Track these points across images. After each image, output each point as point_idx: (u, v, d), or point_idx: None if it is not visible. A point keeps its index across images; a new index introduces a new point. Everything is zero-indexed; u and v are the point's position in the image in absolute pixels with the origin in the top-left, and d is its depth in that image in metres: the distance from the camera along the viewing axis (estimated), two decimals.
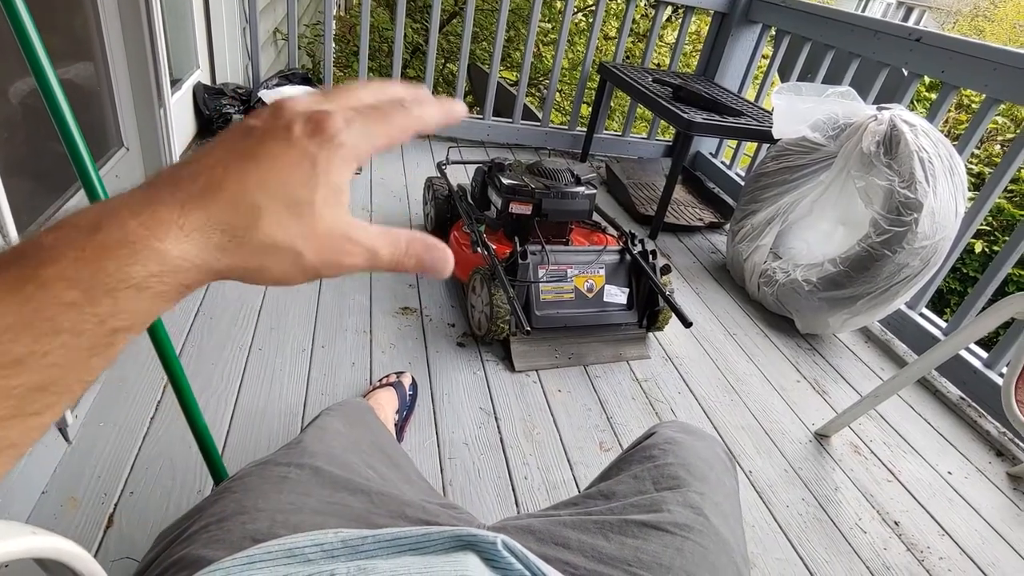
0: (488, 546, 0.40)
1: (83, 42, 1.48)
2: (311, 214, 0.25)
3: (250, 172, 0.24)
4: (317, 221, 0.25)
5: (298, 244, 0.25)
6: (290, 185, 0.25)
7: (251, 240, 0.24)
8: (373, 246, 0.27)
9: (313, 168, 0.25)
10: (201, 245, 0.23)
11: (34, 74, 0.67)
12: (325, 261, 0.26)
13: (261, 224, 0.24)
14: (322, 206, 0.25)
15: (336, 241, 0.26)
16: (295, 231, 0.25)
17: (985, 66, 1.80)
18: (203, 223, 0.23)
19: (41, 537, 0.38)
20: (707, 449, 0.65)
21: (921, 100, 4.83)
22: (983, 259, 4.24)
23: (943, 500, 1.42)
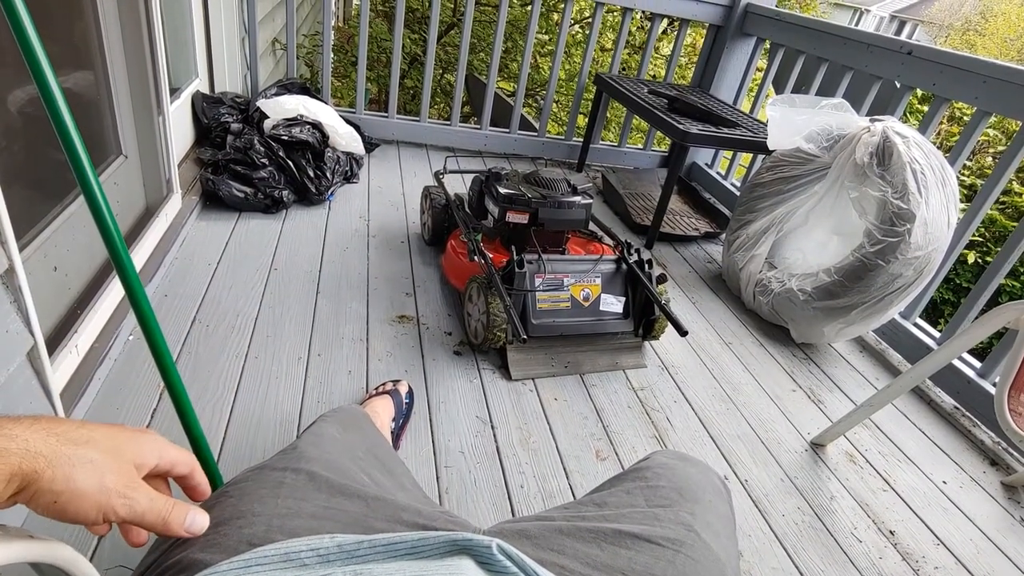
0: (484, 550, 0.40)
1: (83, 50, 1.49)
2: (121, 459, 0.38)
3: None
4: (123, 463, 0.38)
5: (106, 466, 0.36)
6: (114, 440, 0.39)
7: (74, 450, 0.35)
8: (146, 504, 0.39)
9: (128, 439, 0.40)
10: (33, 433, 0.33)
11: (36, 81, 0.68)
12: (118, 491, 0.36)
13: (86, 447, 0.36)
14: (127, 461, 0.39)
15: (127, 483, 0.37)
16: (107, 456, 0.37)
17: (975, 79, 1.82)
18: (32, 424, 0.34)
19: (37, 542, 0.38)
20: (700, 475, 0.65)
21: (914, 112, 4.88)
22: (976, 270, 4.27)
23: (938, 509, 1.43)
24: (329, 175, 2.26)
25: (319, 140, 2.26)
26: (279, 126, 2.22)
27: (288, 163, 2.15)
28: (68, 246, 1.36)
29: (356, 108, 2.88)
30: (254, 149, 2.11)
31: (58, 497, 0.33)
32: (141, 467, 0.39)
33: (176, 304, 1.58)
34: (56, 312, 1.31)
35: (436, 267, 2.00)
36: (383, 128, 2.94)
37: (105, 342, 1.33)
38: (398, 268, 1.95)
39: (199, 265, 1.76)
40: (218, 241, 1.90)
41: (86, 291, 1.43)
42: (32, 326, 0.99)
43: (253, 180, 2.07)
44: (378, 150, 2.86)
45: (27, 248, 1.18)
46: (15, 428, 0.32)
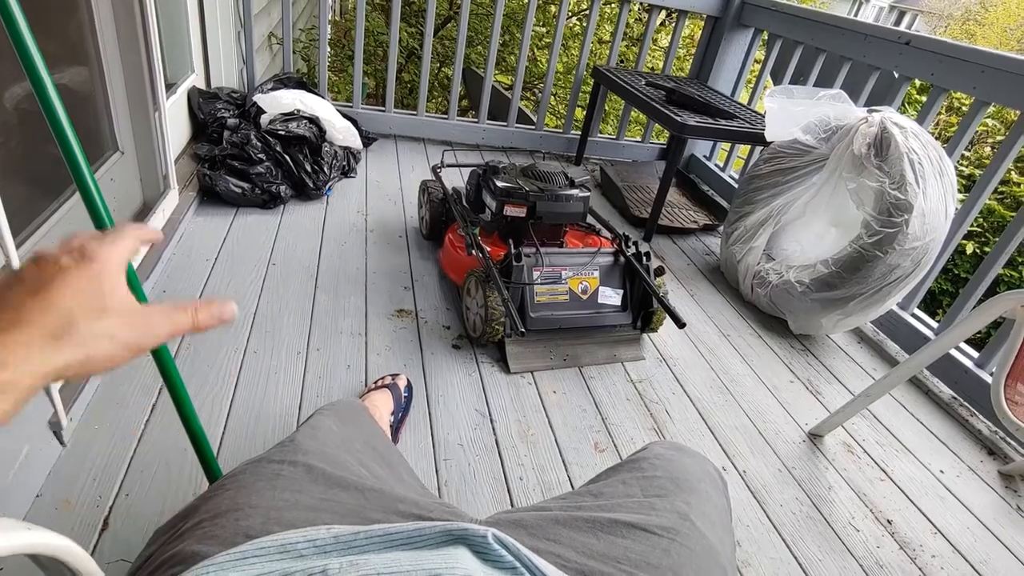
0: (479, 539, 0.41)
1: (78, 46, 1.48)
2: (116, 307, 0.35)
3: (44, 301, 0.33)
4: (120, 311, 0.35)
5: (113, 329, 0.34)
6: (87, 294, 0.34)
7: (72, 338, 0.32)
8: (169, 318, 0.38)
9: (97, 278, 0.35)
10: (35, 354, 0.31)
11: (29, 77, 0.67)
12: (140, 335, 0.35)
13: (75, 327, 0.33)
14: (119, 301, 0.35)
15: (140, 319, 0.36)
16: (107, 322, 0.34)
17: (974, 69, 1.82)
18: (28, 338, 0.31)
19: (36, 533, 0.38)
20: (696, 466, 0.66)
21: (912, 103, 4.87)
22: (974, 260, 4.27)
23: (935, 498, 1.43)
24: (326, 170, 2.26)
25: (316, 135, 2.26)
26: (276, 121, 2.21)
27: (285, 158, 2.14)
28: None
29: (353, 102, 2.88)
30: (251, 144, 2.10)
31: (84, 373, 0.34)
32: (125, 295, 0.36)
33: (173, 299, 1.58)
34: None
35: (434, 261, 2.00)
36: (380, 122, 2.93)
37: None
38: (396, 262, 1.96)
39: (197, 261, 1.76)
40: (216, 236, 1.90)
41: None
42: None
43: (250, 175, 2.07)
44: (375, 144, 2.86)
45: (24, 245, 1.18)
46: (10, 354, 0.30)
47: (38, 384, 0.31)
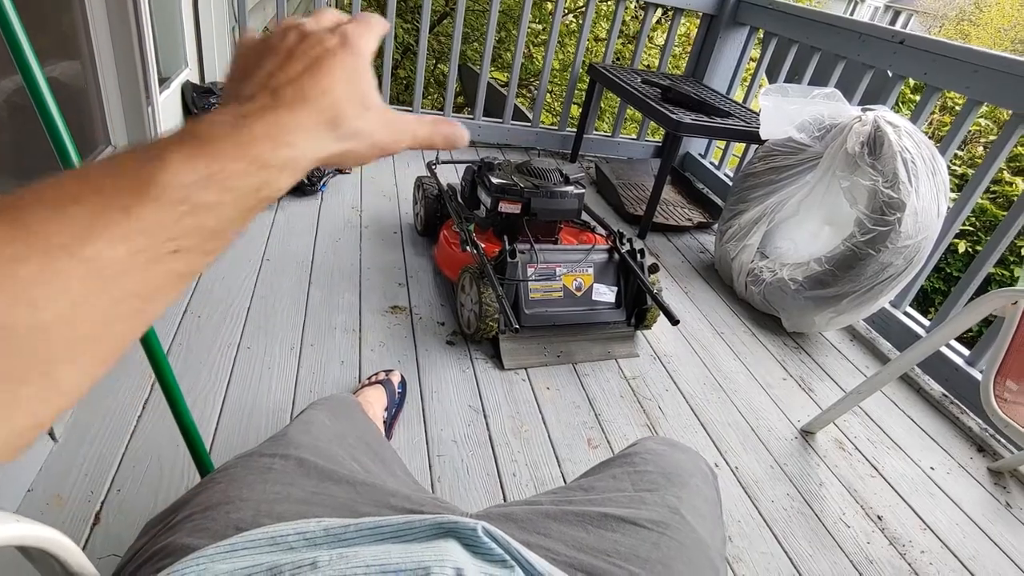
0: (469, 532, 0.41)
1: (70, 40, 1.47)
2: (374, 104, 0.33)
3: (322, 82, 0.31)
4: (377, 109, 0.33)
5: (371, 127, 0.33)
6: (354, 85, 0.32)
7: (342, 129, 0.31)
8: (413, 127, 0.35)
9: (360, 70, 0.33)
10: (313, 138, 0.30)
11: (20, 71, 0.67)
12: (391, 139, 0.34)
13: (346, 118, 0.31)
14: (375, 98, 0.33)
15: (392, 122, 0.34)
16: (368, 118, 0.33)
17: (966, 68, 1.83)
18: (311, 122, 0.30)
19: (25, 525, 0.38)
20: (688, 461, 0.66)
21: (906, 102, 4.89)
22: (967, 259, 4.30)
23: (925, 495, 1.45)
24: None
25: None
26: None
27: None
28: None
29: None
30: None
31: (339, 165, 0.33)
32: (378, 95, 0.34)
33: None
34: None
35: (429, 257, 2.00)
36: None
37: None
38: (391, 259, 1.95)
39: None
40: None
41: None
42: None
43: None
44: None
45: None
46: (294, 135, 0.29)
47: (310, 168, 0.30)
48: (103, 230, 0.22)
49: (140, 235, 0.23)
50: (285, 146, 0.28)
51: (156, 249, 0.24)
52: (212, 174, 0.26)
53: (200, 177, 0.25)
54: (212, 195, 0.26)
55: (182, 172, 0.25)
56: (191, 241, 0.25)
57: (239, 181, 0.27)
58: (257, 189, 0.27)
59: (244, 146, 0.27)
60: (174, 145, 0.26)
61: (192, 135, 0.26)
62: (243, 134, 0.27)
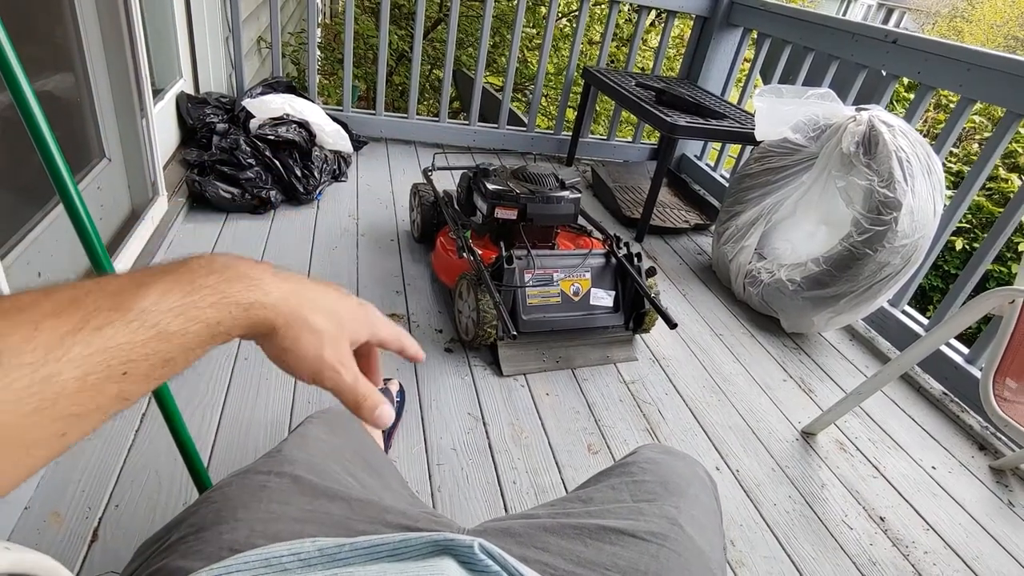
0: (465, 550, 0.40)
1: (62, 52, 1.47)
2: (340, 334, 0.39)
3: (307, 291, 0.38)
4: (341, 339, 0.39)
5: (327, 338, 0.38)
6: (339, 313, 0.39)
7: (307, 317, 0.37)
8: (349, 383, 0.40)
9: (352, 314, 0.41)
10: (280, 291, 0.35)
11: (8, 85, 0.67)
12: (331, 366, 0.38)
13: (318, 315, 0.37)
14: (344, 336, 0.39)
15: (340, 359, 0.39)
16: (331, 328, 0.38)
17: (959, 67, 1.83)
18: (282, 281, 0.36)
19: (16, 553, 0.38)
20: (686, 469, 0.66)
21: (900, 100, 4.90)
22: (964, 257, 4.30)
23: (927, 495, 1.44)
24: (317, 174, 2.25)
25: (306, 139, 2.25)
26: (265, 126, 2.20)
27: (275, 163, 2.13)
28: (52, 251, 1.34)
29: (343, 106, 2.87)
30: (240, 149, 2.09)
31: (283, 353, 0.37)
32: (354, 343, 0.41)
33: None
34: None
35: (426, 265, 2.00)
36: (371, 125, 2.92)
37: None
38: (388, 266, 1.95)
39: None
40: (206, 243, 1.89)
41: None
42: None
43: (240, 181, 2.06)
44: (366, 148, 2.85)
45: (10, 255, 1.17)
46: (266, 279, 0.35)
47: (269, 316, 0.35)
48: (69, 349, 0.24)
49: (102, 355, 0.25)
50: (258, 289, 0.33)
51: (112, 370, 0.26)
52: (186, 305, 0.29)
53: (176, 305, 0.29)
54: (179, 324, 0.29)
55: (162, 300, 0.28)
56: (144, 366, 0.28)
57: (206, 314, 0.30)
58: (219, 322, 0.31)
59: (224, 283, 0.32)
60: (159, 274, 0.30)
61: (182, 265, 0.31)
62: (227, 272, 0.32)
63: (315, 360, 0.37)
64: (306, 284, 0.38)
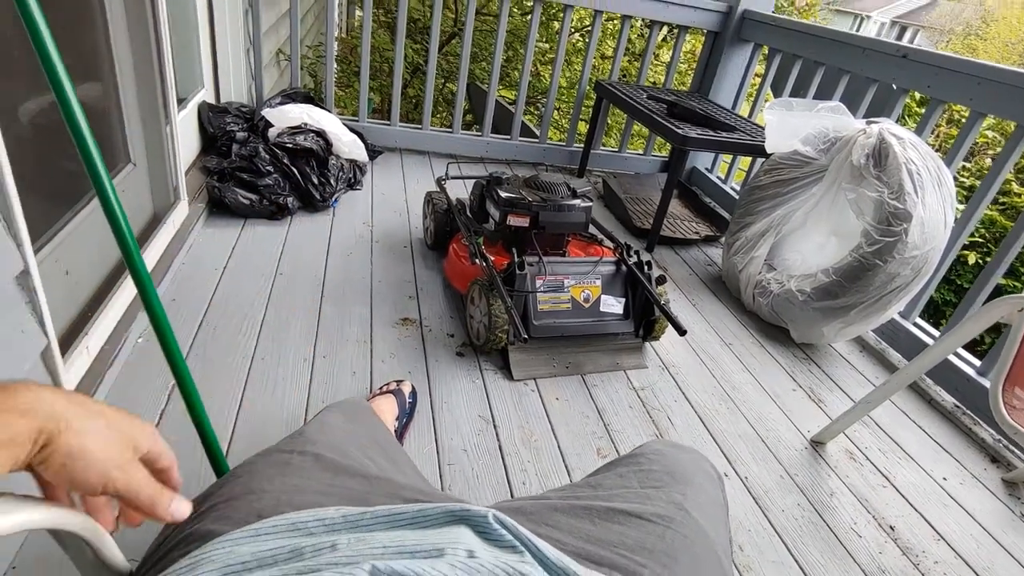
0: (480, 519, 0.42)
1: (94, 62, 1.53)
2: (124, 438, 0.42)
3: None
4: (124, 444, 0.41)
5: (112, 440, 0.40)
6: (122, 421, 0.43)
7: (87, 420, 0.38)
8: (142, 481, 0.42)
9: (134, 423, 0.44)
10: (55, 396, 0.37)
11: (54, 92, 0.71)
12: (119, 465, 0.40)
13: (100, 419, 0.40)
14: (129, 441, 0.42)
15: (128, 460, 0.41)
16: (113, 436, 0.41)
17: (970, 81, 1.84)
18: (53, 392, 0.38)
19: (57, 510, 0.40)
20: (692, 462, 0.67)
21: (912, 115, 4.91)
22: (977, 271, 4.27)
23: (938, 505, 1.44)
24: (333, 182, 2.30)
25: (323, 148, 2.30)
26: (284, 134, 2.26)
27: (293, 170, 2.18)
28: (79, 251, 1.39)
29: (359, 116, 2.93)
30: (259, 157, 2.14)
31: (68, 460, 0.36)
32: (136, 449, 0.42)
33: (184, 308, 1.61)
34: (68, 315, 1.34)
35: (438, 271, 2.03)
36: (386, 136, 2.98)
37: (115, 344, 1.36)
38: (401, 272, 1.98)
39: (206, 270, 1.79)
40: (224, 247, 1.93)
41: (96, 295, 1.46)
42: (46, 327, 1.02)
43: (258, 187, 2.11)
44: (381, 157, 2.90)
45: (41, 252, 1.21)
46: (41, 392, 0.36)
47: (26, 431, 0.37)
48: None
49: None
50: (31, 396, 0.36)
51: None
52: None
53: None
54: None
55: None
56: None
57: None
58: None
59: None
60: None
61: None
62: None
63: (103, 460, 0.38)
64: (84, 397, 0.40)
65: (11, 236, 0.93)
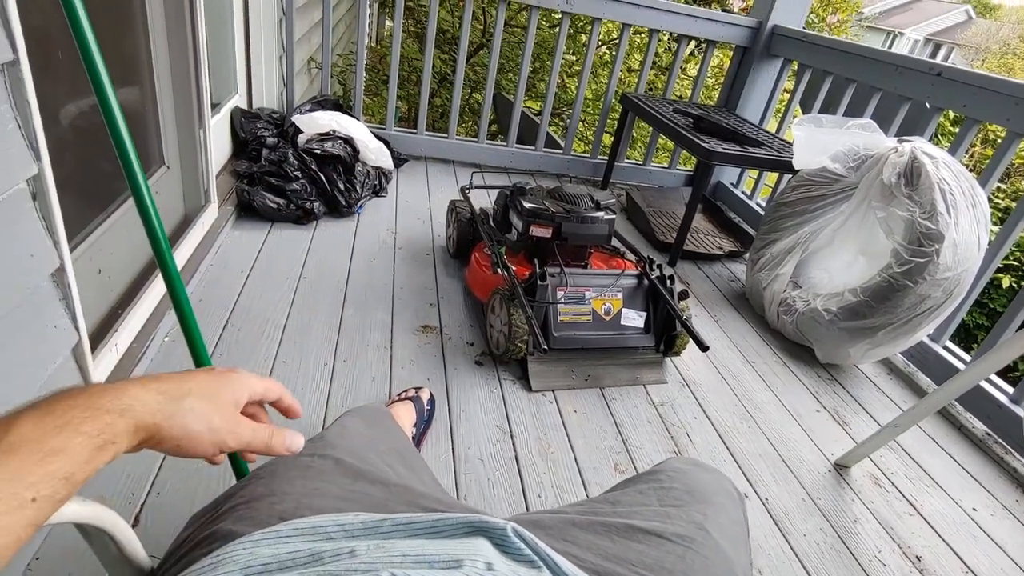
0: (499, 532, 0.42)
1: (134, 67, 1.58)
2: (219, 402, 0.44)
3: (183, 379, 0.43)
4: (222, 406, 0.44)
5: (209, 410, 0.42)
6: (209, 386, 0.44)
7: (176, 396, 0.41)
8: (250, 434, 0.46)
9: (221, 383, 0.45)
10: (147, 392, 0.39)
11: (96, 95, 0.73)
12: (226, 429, 0.43)
13: (185, 393, 0.41)
14: (225, 402, 0.45)
15: (231, 421, 0.44)
16: (207, 402, 0.42)
17: (1007, 101, 1.80)
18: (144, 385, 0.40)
19: (85, 504, 0.41)
20: (714, 481, 0.66)
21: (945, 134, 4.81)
22: (1011, 294, 4.16)
23: (967, 536, 1.39)
24: (359, 188, 2.32)
25: (350, 155, 2.33)
26: (312, 140, 2.29)
27: (320, 176, 2.22)
28: (112, 251, 1.43)
29: (386, 124, 2.97)
30: (288, 162, 2.18)
31: (179, 442, 0.40)
32: (238, 403, 0.46)
33: (210, 308, 1.64)
34: (98, 312, 1.37)
35: (460, 279, 2.04)
36: (412, 144, 3.01)
37: (143, 342, 1.39)
38: (423, 279, 2.00)
39: (233, 272, 1.82)
40: (251, 249, 1.96)
41: (126, 294, 1.50)
42: (78, 323, 1.05)
43: (286, 192, 2.14)
44: (407, 165, 2.93)
45: (75, 250, 1.25)
46: (132, 389, 0.39)
47: (149, 420, 0.40)
48: None
49: (3, 483, 0.29)
50: (126, 396, 0.37)
51: (18, 498, 0.29)
52: (63, 424, 0.33)
53: (52, 427, 0.32)
54: (61, 441, 0.32)
55: (35, 427, 0.32)
56: (47, 489, 0.31)
57: (85, 427, 0.34)
58: (100, 432, 0.35)
59: (93, 398, 0.36)
60: (30, 408, 0.33)
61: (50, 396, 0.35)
62: (94, 389, 0.36)
63: (209, 433, 0.41)
64: (167, 378, 0.42)
65: (49, 234, 0.96)
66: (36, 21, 1.04)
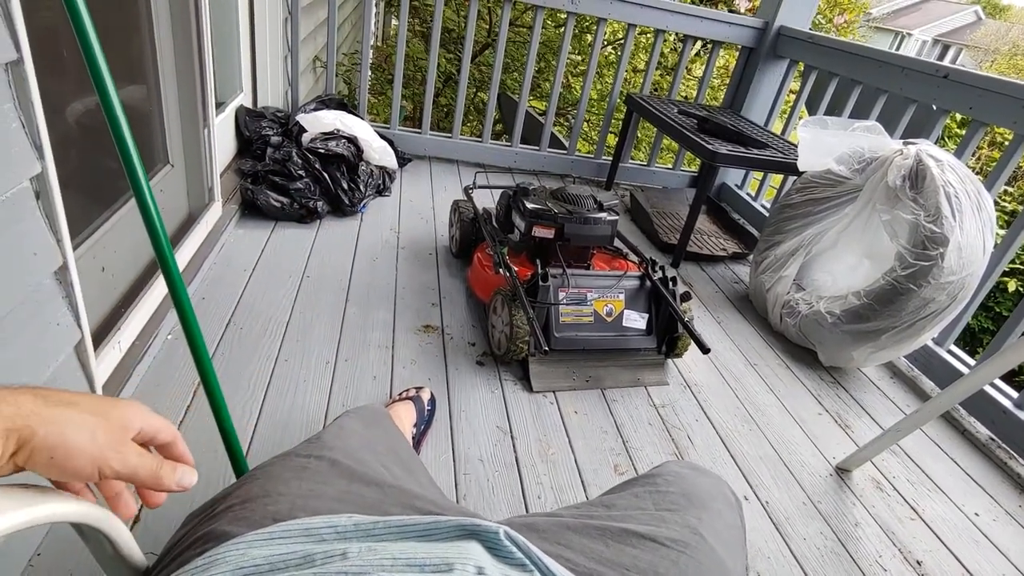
0: (491, 536, 0.42)
1: (139, 66, 1.58)
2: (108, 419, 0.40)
3: None
4: (111, 426, 0.40)
5: (93, 424, 0.38)
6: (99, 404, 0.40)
7: (62, 410, 0.37)
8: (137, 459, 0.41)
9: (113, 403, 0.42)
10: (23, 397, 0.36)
11: (98, 93, 0.73)
12: (111, 448, 0.39)
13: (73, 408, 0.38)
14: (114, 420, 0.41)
15: (118, 440, 0.40)
16: (93, 417, 0.39)
17: (1014, 103, 1.79)
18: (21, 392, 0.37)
19: (80, 503, 0.41)
20: (711, 486, 0.66)
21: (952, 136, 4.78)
22: (1017, 298, 4.13)
23: (969, 542, 1.38)
24: (362, 188, 2.33)
25: (354, 154, 2.34)
26: (316, 140, 2.30)
27: (324, 175, 2.22)
28: (115, 249, 1.43)
29: (391, 124, 2.97)
30: (292, 161, 2.19)
31: (53, 452, 0.35)
32: (127, 429, 0.41)
33: (212, 307, 1.64)
34: (101, 310, 1.38)
35: (462, 279, 2.04)
36: (416, 144, 3.02)
37: (145, 340, 1.40)
38: (425, 279, 2.00)
39: (236, 270, 1.83)
40: (254, 248, 1.97)
41: (129, 292, 1.50)
42: (80, 321, 1.05)
43: (290, 191, 2.15)
44: (410, 165, 2.94)
45: (78, 248, 1.26)
46: (5, 394, 0.35)
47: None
48: None
49: None
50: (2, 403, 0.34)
51: None
52: None
53: None
54: None
55: None
56: None
57: None
58: None
59: None
60: None
61: None
62: None
63: (90, 445, 0.37)
64: (54, 389, 0.38)
65: (52, 232, 0.96)
66: (40, 20, 1.05)
